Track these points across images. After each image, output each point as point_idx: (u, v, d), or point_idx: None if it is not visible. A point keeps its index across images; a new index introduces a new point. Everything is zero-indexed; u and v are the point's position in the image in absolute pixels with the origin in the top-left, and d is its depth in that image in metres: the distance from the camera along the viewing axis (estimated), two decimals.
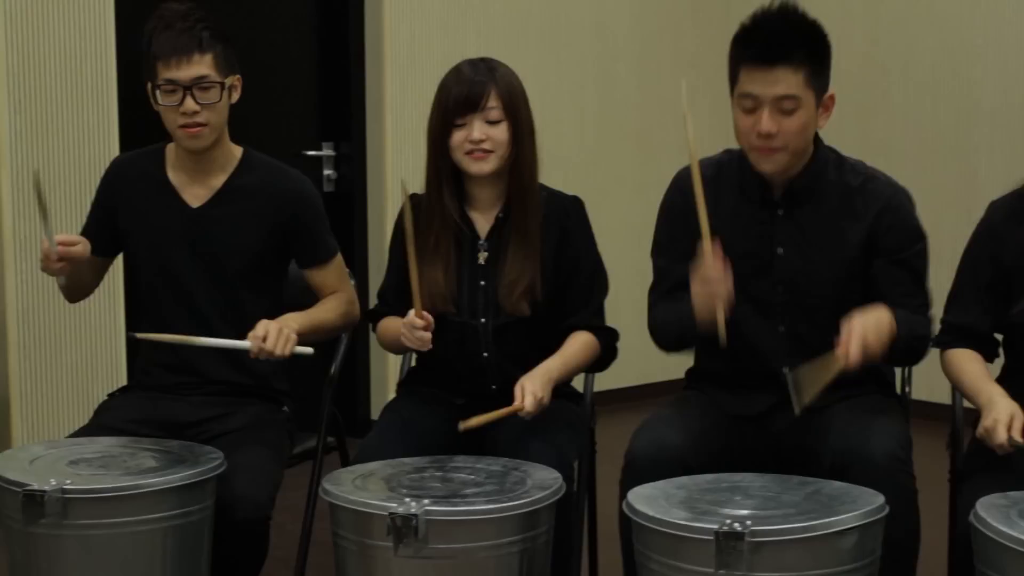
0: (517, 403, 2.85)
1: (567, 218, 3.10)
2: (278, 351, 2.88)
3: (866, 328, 2.69)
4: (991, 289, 2.87)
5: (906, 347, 2.83)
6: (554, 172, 3.27)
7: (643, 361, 3.02)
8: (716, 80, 2.82)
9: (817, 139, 2.96)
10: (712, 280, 2.74)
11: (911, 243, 2.92)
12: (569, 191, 3.18)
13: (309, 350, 2.93)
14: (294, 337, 2.90)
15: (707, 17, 6.34)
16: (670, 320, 2.96)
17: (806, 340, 2.91)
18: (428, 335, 2.90)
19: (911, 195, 2.97)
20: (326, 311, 3.16)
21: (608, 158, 6.19)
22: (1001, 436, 2.57)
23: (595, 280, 3.13)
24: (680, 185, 3.01)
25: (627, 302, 3.12)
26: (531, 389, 2.86)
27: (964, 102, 5.77)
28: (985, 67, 5.70)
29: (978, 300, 2.88)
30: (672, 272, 2.98)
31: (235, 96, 3.10)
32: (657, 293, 3.04)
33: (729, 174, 2.99)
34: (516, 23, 5.83)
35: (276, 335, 2.88)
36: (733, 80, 2.89)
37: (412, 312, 2.89)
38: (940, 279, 2.97)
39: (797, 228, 2.94)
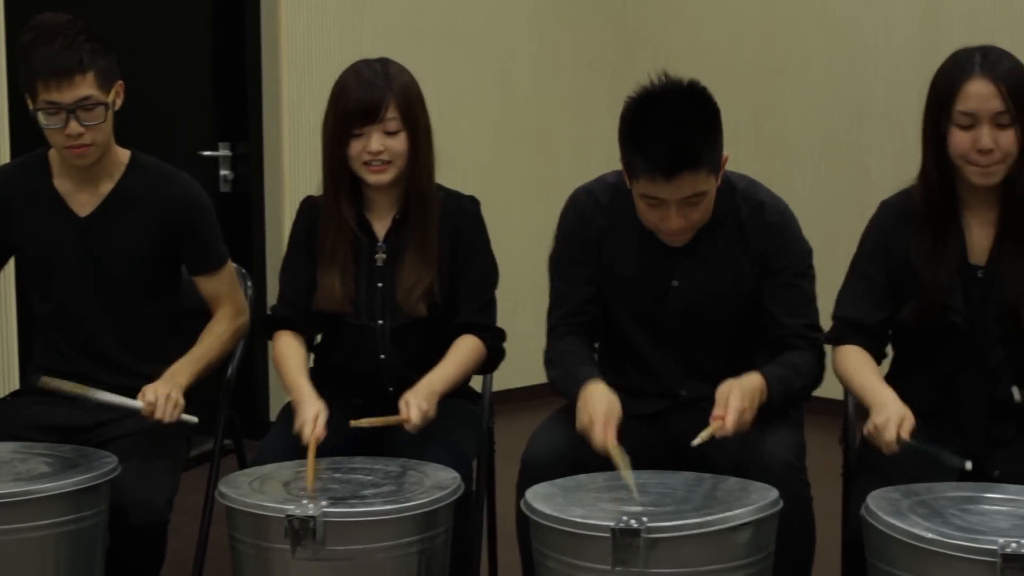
0: (403, 415, 2.85)
1: (462, 217, 3.10)
2: (166, 419, 2.92)
3: (743, 400, 2.69)
4: (881, 286, 2.90)
5: (785, 403, 2.86)
6: (453, 171, 3.27)
7: (541, 360, 3.02)
8: (614, 80, 2.83)
9: None
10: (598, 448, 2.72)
11: (798, 263, 2.95)
12: (468, 191, 3.17)
13: (194, 420, 2.98)
14: (181, 403, 2.95)
15: (605, 16, 6.38)
16: (562, 383, 2.94)
17: (700, 364, 2.96)
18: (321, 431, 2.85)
19: (792, 213, 2.96)
20: (212, 347, 3.14)
21: (507, 157, 6.20)
22: (891, 434, 2.60)
23: (487, 278, 3.13)
24: (578, 208, 3.01)
25: (526, 303, 3.12)
26: (416, 403, 2.86)
27: (856, 103, 5.87)
28: (876, 68, 5.80)
29: (868, 296, 2.91)
30: (569, 296, 3.01)
31: (118, 103, 3.03)
32: (555, 317, 3.04)
33: (623, 201, 2.93)
34: (414, 21, 5.82)
35: (164, 403, 2.91)
36: (630, 173, 2.80)
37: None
38: (834, 277, 3.00)
39: (693, 261, 2.93)
